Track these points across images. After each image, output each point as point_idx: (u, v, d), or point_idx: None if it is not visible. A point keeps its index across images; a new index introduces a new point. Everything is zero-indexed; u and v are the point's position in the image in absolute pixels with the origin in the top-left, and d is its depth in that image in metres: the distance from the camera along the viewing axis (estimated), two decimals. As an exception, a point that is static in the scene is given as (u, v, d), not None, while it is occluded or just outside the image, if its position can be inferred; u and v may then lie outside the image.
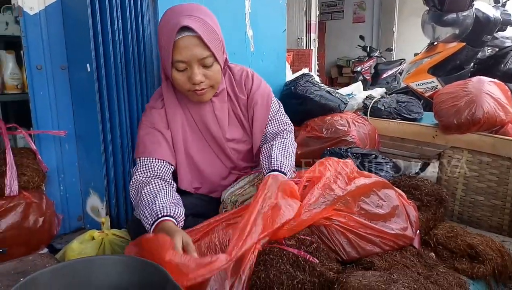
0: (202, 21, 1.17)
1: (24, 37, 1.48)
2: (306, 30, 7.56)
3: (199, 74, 1.19)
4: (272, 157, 1.30)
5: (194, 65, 1.18)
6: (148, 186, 1.20)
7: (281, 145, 1.36)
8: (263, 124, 1.41)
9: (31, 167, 1.49)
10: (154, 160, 1.28)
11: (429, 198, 1.53)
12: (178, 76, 1.21)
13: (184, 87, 1.23)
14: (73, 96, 1.63)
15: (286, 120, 1.49)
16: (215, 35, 1.20)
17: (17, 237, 1.41)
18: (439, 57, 2.98)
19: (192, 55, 1.17)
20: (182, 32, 1.15)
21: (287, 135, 1.44)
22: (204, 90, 1.24)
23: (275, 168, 1.27)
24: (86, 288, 0.82)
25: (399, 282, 1.04)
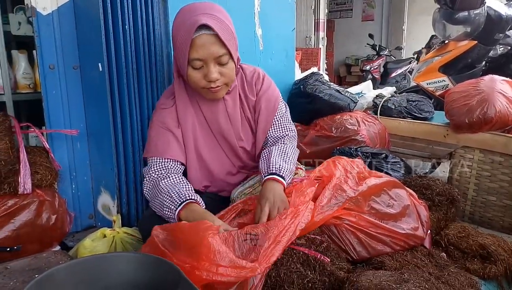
0: (219, 19, 1.18)
1: (37, 37, 1.50)
2: (314, 28, 7.54)
3: (215, 72, 1.20)
4: (271, 161, 1.28)
5: (211, 63, 1.19)
6: (166, 179, 1.24)
7: (281, 150, 1.35)
8: (268, 126, 1.41)
9: (44, 165, 1.52)
10: (165, 160, 1.29)
11: (440, 198, 1.52)
12: (194, 73, 1.22)
13: (199, 85, 1.24)
14: (84, 95, 1.65)
15: (290, 126, 1.47)
16: (230, 32, 1.21)
17: (30, 234, 1.44)
18: (450, 55, 2.95)
19: (209, 53, 1.17)
20: (199, 30, 1.16)
21: (288, 141, 1.42)
22: (218, 87, 1.24)
23: (274, 171, 1.25)
24: (100, 285, 0.83)
25: (410, 281, 1.04)
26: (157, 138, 1.31)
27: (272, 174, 1.24)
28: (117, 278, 0.84)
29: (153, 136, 1.32)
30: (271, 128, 1.42)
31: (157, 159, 1.29)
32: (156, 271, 0.84)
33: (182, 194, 1.17)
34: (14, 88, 1.85)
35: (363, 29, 9.49)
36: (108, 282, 0.84)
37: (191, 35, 1.15)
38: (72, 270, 0.81)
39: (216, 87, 1.23)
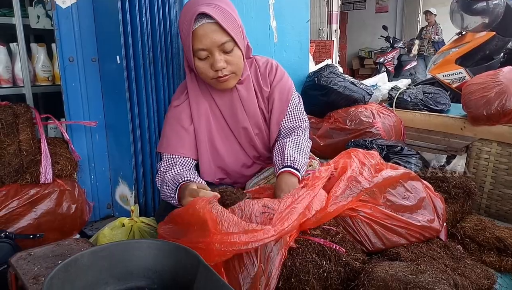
0: (218, 7, 1.19)
1: (57, 30, 1.53)
2: (327, 21, 7.47)
3: (221, 60, 1.20)
4: (285, 153, 1.28)
5: (215, 52, 1.19)
6: (169, 172, 1.27)
7: (295, 142, 1.35)
8: (281, 116, 1.41)
9: (64, 156, 1.55)
10: (176, 156, 1.32)
11: (456, 190, 1.51)
12: (201, 64, 1.22)
13: (208, 75, 1.24)
14: (103, 88, 1.68)
15: (303, 116, 1.46)
16: (232, 19, 1.21)
17: (51, 222, 1.48)
18: (468, 47, 2.90)
19: (212, 42, 1.18)
20: (199, 20, 1.17)
21: (301, 133, 1.42)
22: (227, 76, 1.24)
23: (288, 164, 1.25)
24: (122, 270, 0.86)
25: (426, 272, 1.04)
26: (170, 134, 1.33)
27: (287, 167, 1.24)
28: (138, 264, 0.87)
29: (166, 132, 1.34)
30: (284, 118, 1.42)
31: (168, 155, 1.32)
32: (175, 257, 0.86)
33: (176, 180, 1.20)
34: (33, 81, 1.89)
35: (376, 21, 9.37)
36: (130, 268, 0.87)
37: (192, 26, 1.16)
38: (96, 255, 0.84)
39: (224, 76, 1.24)
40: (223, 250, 0.87)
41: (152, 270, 0.87)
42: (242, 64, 1.28)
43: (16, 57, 1.85)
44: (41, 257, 1.07)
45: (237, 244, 0.88)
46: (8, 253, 1.19)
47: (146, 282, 0.87)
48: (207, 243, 0.88)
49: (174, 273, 0.85)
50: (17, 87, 1.86)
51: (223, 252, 0.88)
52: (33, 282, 0.96)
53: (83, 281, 0.81)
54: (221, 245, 0.88)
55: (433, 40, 7.05)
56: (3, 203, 1.39)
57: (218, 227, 0.89)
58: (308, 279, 1.06)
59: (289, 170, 1.23)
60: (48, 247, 1.12)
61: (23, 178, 1.46)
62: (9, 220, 1.39)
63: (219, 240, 0.88)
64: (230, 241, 0.88)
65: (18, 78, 1.86)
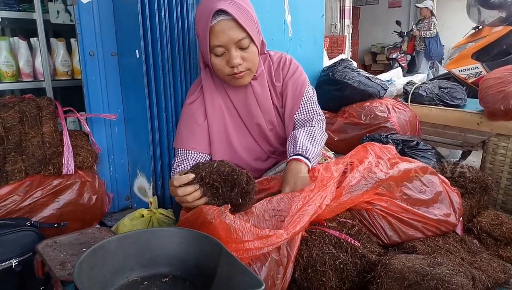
0: (235, 3, 1.19)
1: (78, 25, 1.56)
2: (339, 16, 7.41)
3: (237, 57, 1.21)
4: (297, 142, 1.28)
5: (232, 48, 1.20)
6: (180, 167, 1.29)
7: (309, 133, 1.34)
8: (294, 110, 1.41)
9: (85, 148, 1.59)
10: (189, 151, 1.33)
11: (473, 185, 1.50)
12: (217, 61, 1.23)
13: (223, 72, 1.25)
14: (122, 81, 1.71)
15: (317, 109, 1.45)
16: (249, 15, 1.22)
17: (73, 213, 1.52)
18: (484, 41, 2.86)
19: (229, 38, 1.18)
20: (217, 16, 1.17)
21: (316, 124, 1.40)
22: (242, 73, 1.25)
23: (299, 152, 1.24)
24: (146, 256, 0.89)
25: (443, 265, 1.04)
26: (183, 130, 1.34)
27: (297, 155, 1.24)
28: (162, 251, 0.90)
29: (180, 128, 1.35)
30: (297, 111, 1.41)
31: (182, 151, 1.33)
32: (198, 245, 0.88)
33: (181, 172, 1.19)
34: (53, 75, 1.94)
35: (389, 16, 9.26)
36: (154, 255, 0.89)
37: (209, 22, 1.17)
38: (122, 242, 0.87)
39: (239, 73, 1.24)
40: (239, 257, 0.90)
41: (175, 258, 0.89)
42: (257, 60, 1.29)
43: (36, 52, 1.90)
44: (66, 244, 1.11)
45: (252, 250, 0.91)
46: (33, 241, 1.23)
47: (169, 269, 0.89)
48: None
49: (197, 260, 0.87)
50: (38, 81, 1.91)
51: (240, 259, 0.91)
52: (60, 268, 0.99)
53: (110, 266, 0.85)
54: (237, 253, 0.91)
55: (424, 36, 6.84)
56: (27, 193, 1.43)
57: (232, 236, 0.92)
58: (325, 270, 1.08)
59: (299, 158, 1.22)
60: (73, 235, 1.16)
61: (46, 169, 1.50)
62: (33, 209, 1.44)
63: (234, 248, 0.91)
64: (245, 248, 0.91)
65: (38, 72, 1.91)
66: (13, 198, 1.41)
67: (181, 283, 0.87)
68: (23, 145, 1.45)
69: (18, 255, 1.19)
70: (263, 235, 0.92)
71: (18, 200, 1.42)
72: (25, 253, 1.21)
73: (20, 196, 1.42)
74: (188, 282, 0.87)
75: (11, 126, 1.40)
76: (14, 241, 1.20)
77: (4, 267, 1.17)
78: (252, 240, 0.91)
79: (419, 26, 6.93)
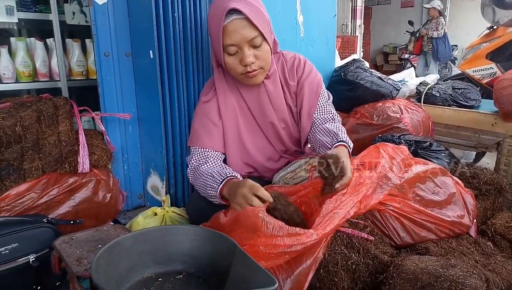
0: (248, 3, 1.20)
1: (93, 26, 1.59)
2: (351, 16, 7.38)
3: (250, 56, 1.22)
4: (335, 132, 1.30)
5: (245, 47, 1.21)
6: (206, 164, 1.29)
7: (337, 127, 1.36)
8: (312, 109, 1.42)
9: (100, 147, 1.62)
10: (206, 149, 1.34)
11: (487, 187, 1.48)
12: (230, 60, 1.25)
13: (236, 71, 1.26)
14: (136, 81, 1.74)
15: (334, 111, 1.48)
16: (261, 14, 1.23)
17: (88, 210, 1.55)
18: (499, 42, 2.82)
19: (242, 37, 1.20)
20: (229, 16, 1.19)
21: (337, 122, 1.44)
22: (255, 71, 1.26)
23: (342, 139, 1.27)
24: (161, 254, 0.90)
25: (457, 266, 1.04)
26: (199, 129, 1.36)
27: (342, 142, 1.26)
28: (176, 249, 0.91)
29: (196, 127, 1.37)
30: (316, 111, 1.42)
31: (198, 149, 1.34)
32: (212, 243, 0.89)
33: (223, 172, 1.21)
34: (68, 75, 1.98)
35: (402, 16, 9.17)
36: (169, 252, 0.91)
37: (222, 21, 1.18)
38: (137, 239, 0.89)
39: (252, 71, 1.25)
40: (267, 252, 0.91)
41: (189, 255, 0.91)
42: (270, 59, 1.30)
43: (52, 52, 1.94)
44: (82, 241, 1.13)
45: (281, 247, 0.92)
46: (50, 237, 1.26)
47: (183, 266, 0.91)
48: (252, 245, 0.92)
49: (210, 258, 0.89)
50: (53, 81, 1.94)
51: (267, 254, 0.91)
52: (76, 264, 1.01)
53: (125, 263, 0.86)
54: (265, 247, 0.91)
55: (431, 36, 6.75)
56: (44, 191, 1.47)
57: (263, 230, 0.93)
58: (337, 270, 1.08)
59: (345, 145, 1.25)
60: (88, 232, 1.18)
61: (62, 167, 1.53)
62: (49, 206, 1.47)
63: (264, 243, 0.92)
64: (274, 243, 0.91)
65: (54, 72, 1.95)
66: (30, 195, 1.44)
67: (195, 281, 0.88)
68: (40, 144, 1.49)
69: (35, 251, 1.22)
70: (293, 232, 0.93)
71: (35, 197, 1.45)
72: (42, 249, 1.24)
73: (37, 193, 1.45)
74: (202, 280, 0.88)
75: (29, 125, 1.43)
76: (32, 237, 1.23)
77: (21, 262, 1.20)
78: (281, 236, 0.92)
79: (427, 27, 6.86)
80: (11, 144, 1.41)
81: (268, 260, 0.93)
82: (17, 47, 1.86)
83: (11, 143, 1.41)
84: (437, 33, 6.64)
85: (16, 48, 1.86)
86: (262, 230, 0.92)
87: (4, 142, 1.38)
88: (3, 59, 1.80)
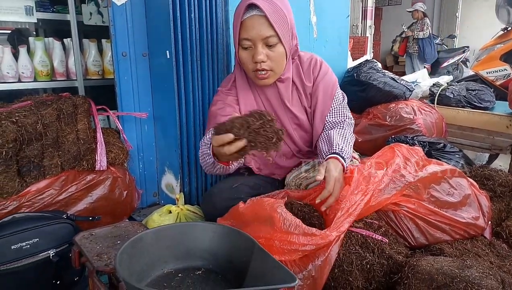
0: (271, 2, 1.22)
1: (112, 26, 1.62)
2: (361, 16, 7.35)
3: (261, 53, 1.23)
4: (332, 142, 1.29)
5: (258, 44, 1.23)
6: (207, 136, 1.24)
7: (341, 134, 1.36)
8: (325, 111, 1.42)
9: (117, 145, 1.65)
10: None
11: (502, 189, 1.48)
12: (244, 54, 1.26)
13: (248, 67, 1.28)
14: (152, 81, 1.76)
15: (348, 113, 1.47)
16: (282, 15, 1.23)
17: (105, 207, 1.58)
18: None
19: (257, 33, 1.21)
20: (251, 11, 1.21)
21: (346, 126, 1.42)
22: (266, 73, 1.27)
23: (336, 151, 1.26)
24: (181, 249, 0.92)
25: (473, 268, 1.04)
26: (218, 111, 1.33)
27: (334, 153, 1.25)
28: (195, 245, 0.93)
29: (214, 111, 1.35)
30: (329, 114, 1.42)
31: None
32: (230, 240, 0.91)
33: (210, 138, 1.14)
34: (85, 75, 2.01)
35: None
36: (188, 248, 0.93)
37: (242, 16, 1.21)
38: (158, 234, 0.90)
39: (262, 70, 1.25)
40: (281, 247, 0.93)
41: (208, 252, 0.92)
42: (283, 62, 1.29)
43: (70, 52, 1.97)
44: (101, 237, 1.15)
45: (295, 244, 0.93)
46: (69, 233, 1.28)
47: (202, 262, 0.93)
48: (267, 239, 0.93)
49: (229, 255, 0.90)
50: (70, 80, 1.98)
51: (281, 250, 0.93)
52: (97, 259, 1.04)
53: (147, 258, 0.88)
54: (280, 243, 0.93)
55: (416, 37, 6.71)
56: (63, 187, 1.50)
57: (280, 226, 0.94)
58: (351, 270, 1.09)
59: (337, 157, 1.24)
60: (107, 228, 1.20)
61: (80, 165, 1.56)
62: (68, 203, 1.50)
63: (279, 238, 0.94)
64: (289, 240, 0.93)
65: (71, 71, 1.98)
66: (50, 192, 1.48)
67: (214, 276, 0.90)
68: (59, 141, 1.52)
69: (55, 246, 1.25)
70: (309, 232, 0.94)
71: (55, 193, 1.48)
72: (62, 245, 1.26)
73: (56, 190, 1.48)
74: (221, 276, 0.90)
75: (49, 123, 1.47)
76: (52, 232, 1.26)
77: (42, 257, 1.23)
78: (297, 234, 0.93)
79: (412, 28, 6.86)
80: (32, 141, 1.44)
81: (282, 255, 0.95)
82: (35, 47, 1.89)
83: (32, 141, 1.44)
84: (422, 33, 6.64)
85: (34, 47, 1.90)
86: (279, 226, 0.94)
87: (25, 139, 1.41)
88: (22, 58, 1.84)
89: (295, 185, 1.46)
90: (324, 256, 1.01)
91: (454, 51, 6.91)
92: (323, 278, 1.02)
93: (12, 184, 1.42)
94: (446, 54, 6.96)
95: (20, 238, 1.20)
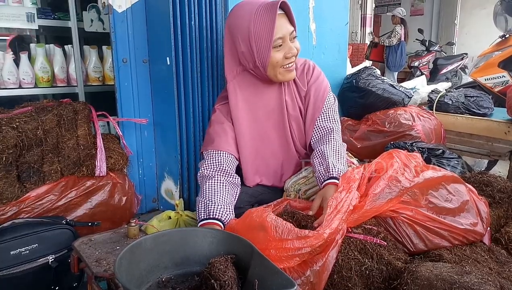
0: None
1: (112, 33, 1.63)
2: (361, 23, 7.41)
3: (294, 47, 1.30)
4: (329, 163, 1.29)
5: (288, 40, 1.28)
6: (210, 181, 1.27)
7: (334, 150, 1.36)
8: (316, 114, 1.43)
9: (117, 151, 1.66)
10: (220, 152, 1.35)
11: (501, 195, 1.48)
12: (277, 54, 1.28)
13: (279, 65, 1.30)
14: (152, 87, 1.77)
15: (337, 117, 1.48)
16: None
17: (104, 213, 1.58)
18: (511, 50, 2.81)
19: (287, 30, 1.27)
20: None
21: (336, 136, 1.42)
22: (292, 64, 1.33)
23: (333, 175, 1.26)
24: (180, 254, 0.92)
25: (472, 273, 1.04)
26: (214, 133, 1.38)
27: (331, 178, 1.26)
28: (194, 251, 0.93)
29: (210, 132, 1.39)
30: (319, 117, 1.44)
31: (212, 152, 1.34)
32: (229, 246, 0.91)
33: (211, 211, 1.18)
34: (85, 81, 2.02)
35: (412, 24, 9.11)
36: (187, 254, 0.93)
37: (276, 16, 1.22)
38: (157, 240, 0.91)
39: (291, 63, 1.31)
40: (278, 255, 0.93)
41: (207, 257, 0.92)
42: None
43: (70, 58, 1.99)
44: (100, 242, 1.15)
45: (291, 250, 0.93)
46: (69, 238, 1.29)
47: (201, 268, 0.92)
48: (263, 249, 0.93)
49: (228, 260, 0.90)
50: (71, 86, 1.99)
51: (278, 258, 0.93)
52: (95, 264, 1.04)
53: (146, 263, 0.88)
54: (276, 251, 0.93)
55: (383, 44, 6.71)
56: (63, 193, 1.50)
57: (273, 234, 0.95)
58: (350, 275, 1.09)
59: (334, 182, 1.24)
60: (106, 234, 1.20)
61: (79, 171, 1.57)
62: (67, 208, 1.50)
63: (274, 246, 0.94)
64: (284, 247, 0.93)
65: (72, 78, 2.00)
66: (50, 197, 1.48)
67: (213, 282, 0.90)
68: (59, 147, 1.53)
69: (54, 252, 1.25)
70: (302, 235, 0.94)
71: (54, 199, 1.48)
72: (61, 250, 1.27)
73: (56, 195, 1.49)
74: (220, 282, 0.90)
75: (50, 129, 1.47)
76: (51, 238, 1.26)
77: (41, 263, 1.23)
78: (291, 239, 0.93)
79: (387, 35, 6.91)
80: (32, 147, 1.45)
81: (280, 263, 0.95)
82: (36, 53, 1.91)
83: (32, 146, 1.45)
84: (388, 40, 6.63)
85: (35, 54, 1.91)
86: (272, 234, 0.94)
87: (26, 145, 1.42)
88: (23, 64, 1.85)
89: (294, 190, 1.46)
90: (322, 261, 1.01)
91: (453, 58, 6.95)
92: (321, 284, 1.02)
93: (12, 189, 1.42)
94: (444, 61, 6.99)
95: (19, 244, 1.21)
